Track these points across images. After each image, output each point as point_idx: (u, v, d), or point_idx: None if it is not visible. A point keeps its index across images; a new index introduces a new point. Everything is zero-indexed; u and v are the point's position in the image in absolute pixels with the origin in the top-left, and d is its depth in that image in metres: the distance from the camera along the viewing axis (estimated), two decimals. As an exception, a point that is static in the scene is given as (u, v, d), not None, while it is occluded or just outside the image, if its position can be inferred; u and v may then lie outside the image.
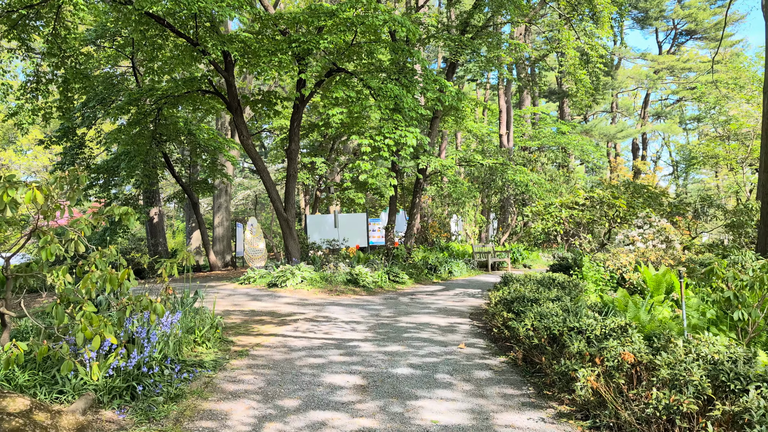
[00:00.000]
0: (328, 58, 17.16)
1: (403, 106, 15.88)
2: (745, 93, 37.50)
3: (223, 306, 12.57)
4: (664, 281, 10.44)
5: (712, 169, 48.15)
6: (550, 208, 13.22)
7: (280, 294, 14.58)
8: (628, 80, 46.52)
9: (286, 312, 11.82)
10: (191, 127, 23.21)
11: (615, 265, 11.88)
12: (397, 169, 20.70)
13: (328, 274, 16.05)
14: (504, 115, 33.65)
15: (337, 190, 32.59)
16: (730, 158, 37.47)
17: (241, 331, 9.71)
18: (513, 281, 10.72)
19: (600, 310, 8.17)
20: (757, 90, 36.40)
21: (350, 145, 37.60)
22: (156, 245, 28.88)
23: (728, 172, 49.05)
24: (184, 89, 19.10)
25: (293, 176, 19.00)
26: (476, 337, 9.01)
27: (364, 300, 13.97)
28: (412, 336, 9.14)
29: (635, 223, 14.43)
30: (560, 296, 8.65)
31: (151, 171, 23.67)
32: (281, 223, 18.61)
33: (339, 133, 26.60)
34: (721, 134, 41.21)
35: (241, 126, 18.28)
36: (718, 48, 32.87)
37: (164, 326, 6.95)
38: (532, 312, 7.52)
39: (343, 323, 10.44)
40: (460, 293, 15.53)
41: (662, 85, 49.01)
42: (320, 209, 38.47)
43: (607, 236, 14.00)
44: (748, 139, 36.39)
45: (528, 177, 20.31)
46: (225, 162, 29.39)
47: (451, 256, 22.27)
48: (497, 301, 9.59)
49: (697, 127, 55.67)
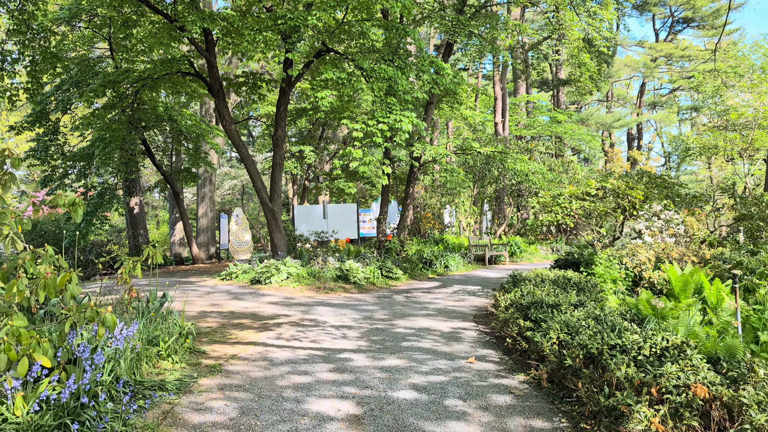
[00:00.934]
0: (317, 36, 15.93)
1: (397, 88, 14.68)
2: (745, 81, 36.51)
3: (200, 306, 11.37)
4: (692, 282, 9.33)
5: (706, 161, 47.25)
6: (560, 199, 12.08)
7: (263, 292, 13.38)
8: (624, 69, 45.45)
9: (269, 314, 10.63)
10: (172, 112, 21.91)
11: (633, 263, 10.77)
12: (390, 156, 19.51)
13: (316, 270, 14.86)
14: (499, 102, 32.48)
15: (327, 179, 31.36)
16: (729, 149, 36.51)
17: (216, 338, 8.52)
18: (523, 281, 9.58)
19: (633, 318, 7.04)
20: (758, 79, 35.45)
21: (340, 133, 36.34)
22: (136, 237, 27.56)
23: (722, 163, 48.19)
24: (163, 71, 17.81)
25: (279, 164, 17.78)
26: (486, 347, 7.86)
27: (356, 299, 12.80)
28: (412, 346, 7.98)
29: (642, 215, 13.34)
30: (583, 301, 7.51)
31: (130, 159, 22.35)
32: (266, 214, 17.41)
33: (328, 119, 25.33)
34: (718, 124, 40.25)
35: (223, 110, 17.01)
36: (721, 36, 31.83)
37: (118, 341, 5.76)
38: (556, 322, 6.38)
39: (332, 328, 9.27)
40: (459, 291, 14.39)
41: (659, 74, 47.99)
42: (309, 199, 37.23)
43: (620, 230, 12.89)
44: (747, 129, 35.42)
45: (528, 166, 19.17)
46: (209, 150, 28.11)
47: (447, 250, 21.13)
48: (508, 304, 8.45)
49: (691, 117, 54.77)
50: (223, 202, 54.15)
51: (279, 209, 17.60)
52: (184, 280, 16.43)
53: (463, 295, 13.52)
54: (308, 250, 18.21)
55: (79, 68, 20.96)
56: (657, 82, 54.03)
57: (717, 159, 45.21)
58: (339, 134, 36.40)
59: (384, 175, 14.87)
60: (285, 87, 17.37)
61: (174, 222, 33.46)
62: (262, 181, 17.70)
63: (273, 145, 17.91)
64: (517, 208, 29.17)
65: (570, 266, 14.31)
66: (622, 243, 13.78)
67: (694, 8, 47.82)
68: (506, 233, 28.05)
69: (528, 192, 27.32)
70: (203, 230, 30.43)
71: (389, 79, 14.70)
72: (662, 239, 18.39)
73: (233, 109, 32.45)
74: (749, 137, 34.63)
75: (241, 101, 34.73)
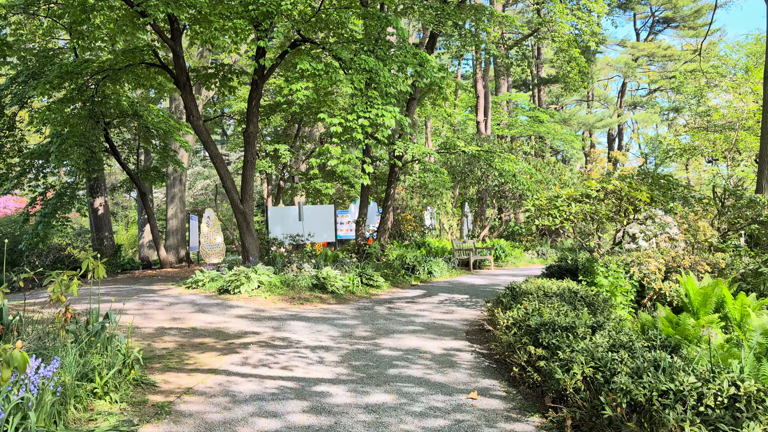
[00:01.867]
0: (292, 25, 14.73)
1: (379, 80, 13.54)
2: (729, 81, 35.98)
3: (159, 321, 10.11)
4: (713, 295, 8.29)
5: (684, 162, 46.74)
6: (557, 201, 11.01)
7: (231, 303, 12.13)
8: (607, 68, 44.77)
9: (235, 331, 9.40)
10: (138, 107, 20.54)
11: (641, 272, 9.73)
12: (370, 155, 18.35)
13: (290, 278, 13.64)
14: (481, 100, 31.49)
15: (303, 179, 30.11)
16: (714, 150, 35.93)
17: (172, 363, 7.29)
18: (524, 295, 8.46)
19: (664, 344, 5.95)
20: (743, 78, 34.92)
21: (316, 132, 35.07)
22: (101, 240, 26.03)
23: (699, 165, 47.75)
24: (125, 62, 16.47)
25: (251, 163, 16.53)
26: (487, 376, 6.72)
27: (334, 311, 11.61)
28: (401, 374, 6.83)
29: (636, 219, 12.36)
30: (601, 322, 6.41)
31: (92, 156, 20.91)
32: (237, 216, 16.16)
33: (304, 114, 24.08)
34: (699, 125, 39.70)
35: (190, 104, 15.72)
36: (707, 34, 31.20)
37: (32, 384, 4.52)
38: (579, 352, 5.27)
39: (307, 350, 8.07)
40: (446, 301, 13.26)
41: (641, 74, 47.39)
42: (284, 200, 35.89)
43: (621, 234, 11.87)
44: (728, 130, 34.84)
45: (517, 166, 18.13)
46: (178, 148, 26.71)
47: (429, 254, 20.02)
48: (510, 323, 7.33)
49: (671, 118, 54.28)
50: (196, 202, 52.54)
51: (251, 211, 16.35)
52: (146, 288, 15.11)
53: (451, 306, 12.40)
54: (282, 255, 16.99)
55: (38, 59, 19.53)
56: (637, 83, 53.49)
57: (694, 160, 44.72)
58: (315, 133, 35.13)
59: (365, 175, 13.70)
60: (257, 80, 16.12)
61: (143, 224, 31.94)
62: (233, 181, 16.45)
63: (244, 142, 16.66)
64: (500, 210, 28.16)
65: (564, 274, 13.27)
66: (619, 249, 12.77)
67: (675, 7, 47.32)
68: (490, 236, 27.03)
69: (511, 193, 26.33)
70: (173, 232, 29.00)
71: (370, 71, 13.54)
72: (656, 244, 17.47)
73: (205, 106, 31.06)
74: (733, 138, 34.05)
75: (213, 98, 33.36)
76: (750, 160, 38.14)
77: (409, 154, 17.32)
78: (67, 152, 17.78)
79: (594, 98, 52.96)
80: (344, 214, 28.91)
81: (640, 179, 12.05)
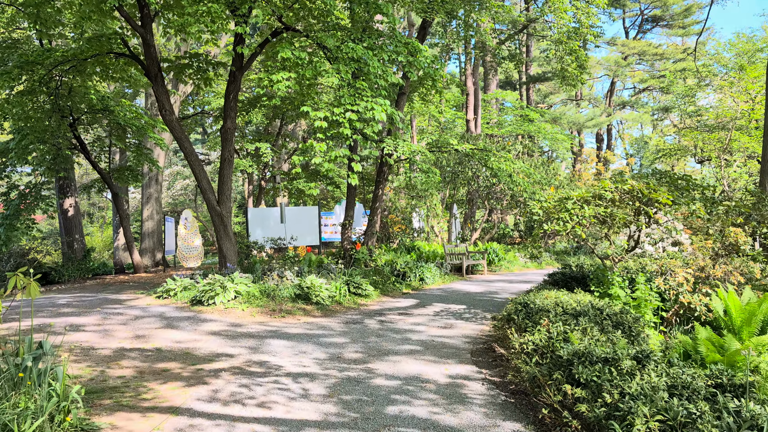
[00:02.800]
0: (273, 11, 13.51)
1: (368, 71, 12.34)
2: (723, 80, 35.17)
3: (119, 339, 8.85)
4: (759, 313, 7.19)
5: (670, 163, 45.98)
6: (567, 203, 9.89)
7: (205, 316, 10.87)
8: (596, 66, 43.86)
9: (206, 353, 8.16)
10: (109, 102, 19.19)
11: (666, 283, 8.62)
12: (356, 152, 17.16)
13: (271, 287, 12.39)
14: (471, 98, 30.39)
15: (285, 179, 28.83)
16: (707, 150, 35.12)
17: (125, 398, 6.04)
18: (540, 313, 7.29)
19: (731, 383, 4.80)
20: (737, 77, 34.14)
21: (299, 130, 33.78)
22: (71, 243, 24.58)
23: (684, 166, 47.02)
24: (92, 51, 15.14)
25: (229, 161, 15.27)
26: (509, 417, 5.54)
27: (319, 326, 10.39)
28: (402, 414, 5.64)
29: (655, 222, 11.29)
30: (647, 353, 5.26)
31: (57, 154, 19.52)
32: (213, 218, 14.89)
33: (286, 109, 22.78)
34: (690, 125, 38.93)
35: (162, 97, 14.43)
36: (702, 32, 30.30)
37: None
38: (635, 398, 4.12)
39: (288, 379, 6.86)
40: (442, 312, 12.09)
41: (630, 73, 46.54)
42: (266, 201, 34.57)
43: (636, 239, 10.78)
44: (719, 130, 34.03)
45: (513, 166, 17.00)
46: (153, 146, 25.36)
47: (420, 259, 18.84)
48: (531, 349, 6.17)
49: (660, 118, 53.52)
50: (175, 203, 51.03)
51: (228, 213, 15.09)
52: (112, 297, 13.80)
53: (449, 319, 11.23)
54: (263, 260, 15.74)
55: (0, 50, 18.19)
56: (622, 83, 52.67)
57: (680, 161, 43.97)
58: (299, 131, 33.85)
59: (353, 174, 12.49)
60: (235, 71, 14.86)
61: (118, 225, 30.43)
62: (209, 181, 15.18)
63: (221, 139, 15.39)
64: (490, 211, 27.06)
65: (570, 282, 12.16)
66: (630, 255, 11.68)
67: (665, 6, 46.51)
68: (482, 239, 25.92)
69: (503, 194, 25.23)
70: (149, 234, 27.62)
71: (358, 60, 12.35)
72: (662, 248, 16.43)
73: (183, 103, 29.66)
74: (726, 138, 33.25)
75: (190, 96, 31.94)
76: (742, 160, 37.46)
77: (400, 153, 16.14)
78: (27, 148, 16.41)
79: (581, 98, 52.12)
80: (329, 215, 27.70)
81: (656, 179, 10.96)
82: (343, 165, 28.94)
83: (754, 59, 36.71)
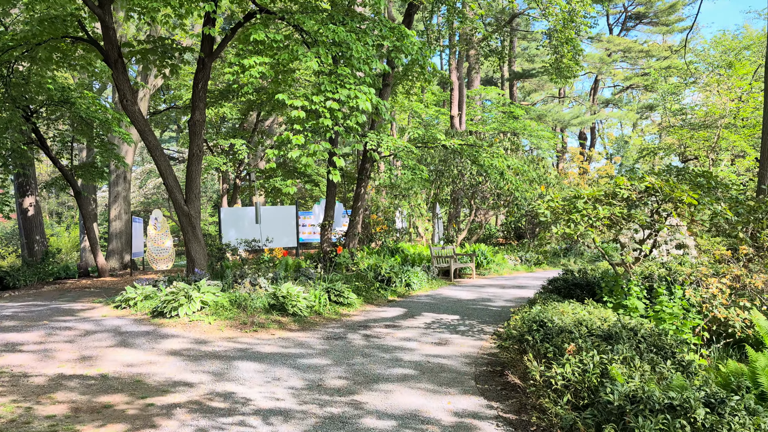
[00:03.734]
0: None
1: (351, 55, 11.08)
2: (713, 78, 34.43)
3: (61, 362, 7.50)
4: (819, 333, 6.05)
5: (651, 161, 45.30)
6: (578, 203, 8.71)
7: (165, 331, 9.53)
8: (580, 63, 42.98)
9: (160, 380, 6.84)
10: (69, 93, 17.70)
11: (698, 295, 7.47)
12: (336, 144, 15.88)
13: (243, 296, 11.07)
14: (456, 93, 29.24)
15: (261, 177, 27.44)
16: (695, 149, 34.37)
17: (47, 451, 4.73)
18: (561, 334, 6.07)
19: None
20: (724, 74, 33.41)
21: (276, 127, 32.41)
22: (31, 245, 22.98)
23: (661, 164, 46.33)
24: (45, 35, 13.68)
25: (197, 156, 13.89)
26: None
27: (296, 343, 9.10)
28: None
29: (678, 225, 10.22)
30: (719, 396, 4.08)
31: (14, 149, 18.00)
32: (181, 219, 13.53)
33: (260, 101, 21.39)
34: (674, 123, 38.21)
35: (122, 85, 13.02)
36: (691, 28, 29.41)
37: None
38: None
39: (258, 419, 5.57)
40: (434, 323, 10.86)
41: (614, 71, 45.73)
42: (242, 200, 33.10)
43: (653, 243, 9.64)
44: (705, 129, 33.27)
45: (506, 162, 15.84)
46: (120, 142, 23.83)
47: (405, 262, 17.61)
48: (561, 385, 4.95)
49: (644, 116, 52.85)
50: (148, 202, 49.25)
51: (197, 213, 13.72)
52: (66, 306, 12.37)
53: (442, 332, 10.00)
54: (236, 264, 14.39)
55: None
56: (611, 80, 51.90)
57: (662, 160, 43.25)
58: (276, 128, 32.47)
59: (335, 170, 11.23)
60: (204, 57, 13.49)
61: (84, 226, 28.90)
62: (176, 178, 13.81)
63: (189, 132, 14.01)
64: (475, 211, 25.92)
65: (574, 290, 11.01)
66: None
67: (650, 2, 45.79)
68: (468, 240, 24.76)
69: (490, 193, 24.09)
70: (116, 235, 26.06)
71: (340, 45, 11.09)
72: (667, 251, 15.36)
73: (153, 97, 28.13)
74: (714, 136, 32.48)
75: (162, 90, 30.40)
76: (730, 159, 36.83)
77: (384, 148, 14.90)
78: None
79: (565, 95, 51.30)
80: (307, 215, 26.36)
81: (676, 175, 9.86)
82: (322, 163, 27.60)
83: (740, 57, 35.98)
